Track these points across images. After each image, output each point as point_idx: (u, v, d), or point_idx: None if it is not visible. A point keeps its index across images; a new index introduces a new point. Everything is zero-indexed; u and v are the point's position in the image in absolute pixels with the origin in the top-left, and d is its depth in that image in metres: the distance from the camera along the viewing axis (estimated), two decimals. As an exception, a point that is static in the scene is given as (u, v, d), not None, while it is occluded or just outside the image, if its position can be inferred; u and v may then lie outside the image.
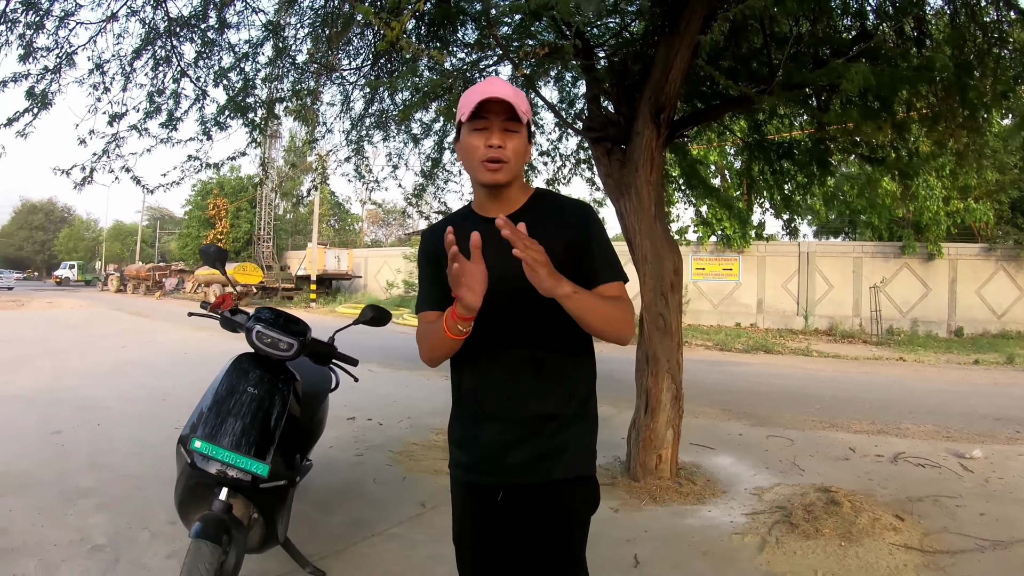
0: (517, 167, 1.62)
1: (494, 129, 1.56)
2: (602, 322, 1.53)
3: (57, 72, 4.42)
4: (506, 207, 1.66)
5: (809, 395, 8.76)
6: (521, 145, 1.61)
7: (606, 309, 1.54)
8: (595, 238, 1.65)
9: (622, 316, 1.57)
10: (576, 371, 1.69)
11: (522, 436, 1.61)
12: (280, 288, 30.32)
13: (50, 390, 7.35)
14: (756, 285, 20.06)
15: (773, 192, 5.95)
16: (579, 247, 1.62)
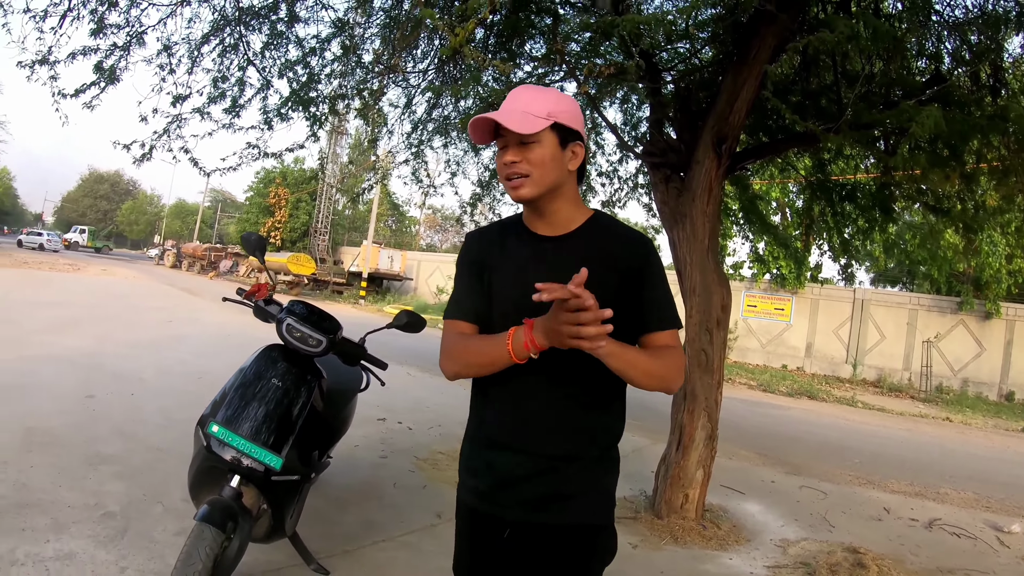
0: (544, 178, 1.49)
1: (510, 144, 1.49)
2: (645, 377, 1.44)
3: (126, 50, 4.53)
4: (555, 226, 1.57)
5: (849, 447, 8.44)
6: (544, 153, 1.48)
7: (650, 364, 1.44)
8: (653, 279, 1.53)
9: (668, 370, 1.47)
10: (607, 414, 1.58)
11: (539, 472, 1.52)
12: (331, 282, 30.66)
13: (92, 355, 7.50)
14: (807, 328, 19.52)
15: (832, 234, 5.75)
16: (634, 285, 1.51)
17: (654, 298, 1.52)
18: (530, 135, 1.46)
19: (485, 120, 1.48)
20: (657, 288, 1.53)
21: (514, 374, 1.49)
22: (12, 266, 21.35)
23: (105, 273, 24.66)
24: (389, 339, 3.09)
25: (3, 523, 3.07)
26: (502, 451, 1.56)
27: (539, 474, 1.52)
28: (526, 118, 1.46)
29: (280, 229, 37.04)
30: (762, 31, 3.63)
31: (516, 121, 1.45)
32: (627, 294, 1.50)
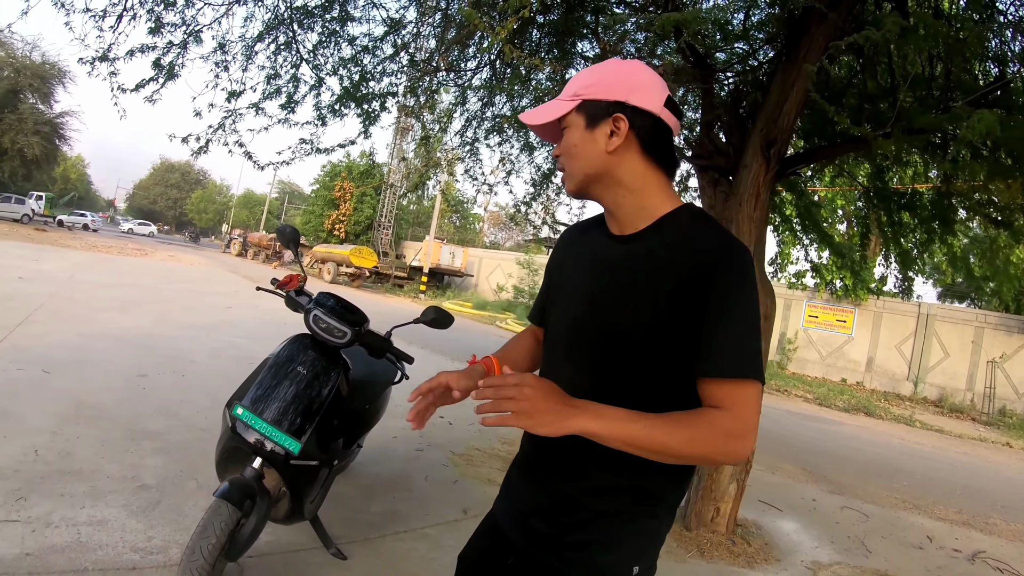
0: (576, 168, 1.26)
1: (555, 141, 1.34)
2: (665, 458, 1.12)
3: (183, 47, 4.68)
4: (624, 224, 1.29)
5: (899, 468, 8.07)
6: (574, 138, 1.25)
7: (671, 435, 1.10)
8: (724, 299, 1.12)
9: (704, 444, 1.10)
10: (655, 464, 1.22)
11: (555, 509, 1.30)
12: (393, 275, 31.08)
13: (148, 335, 7.79)
14: (868, 342, 18.80)
15: (890, 246, 5.49)
16: (693, 304, 1.13)
17: (721, 331, 1.12)
18: (558, 122, 1.28)
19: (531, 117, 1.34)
20: (732, 319, 1.12)
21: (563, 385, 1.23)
22: (82, 249, 22.42)
23: (171, 259, 25.66)
24: (449, 334, 3.10)
25: (44, 487, 3.24)
26: (522, 475, 1.42)
27: (555, 512, 1.30)
28: (548, 106, 1.28)
29: (344, 222, 37.78)
30: (812, 30, 3.49)
31: (533, 112, 1.30)
32: (682, 314, 1.14)
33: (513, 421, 1.08)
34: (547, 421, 1.08)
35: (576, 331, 1.29)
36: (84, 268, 15.12)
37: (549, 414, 1.09)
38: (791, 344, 19.70)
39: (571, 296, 1.34)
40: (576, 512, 1.26)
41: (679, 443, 1.09)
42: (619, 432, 1.09)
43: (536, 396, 1.09)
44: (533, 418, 1.08)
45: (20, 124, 30.64)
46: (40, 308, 8.26)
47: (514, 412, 1.08)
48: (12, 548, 2.65)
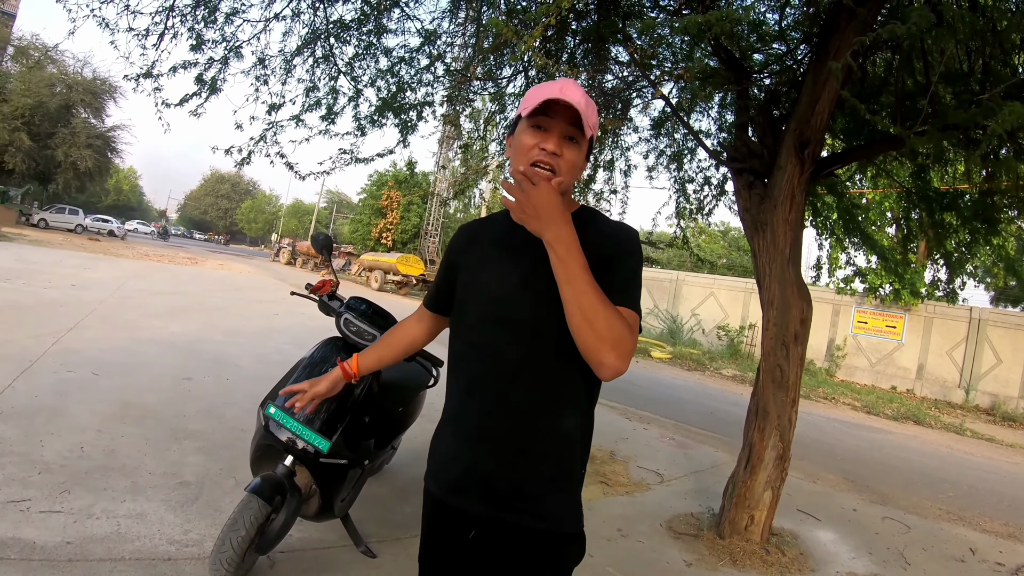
0: (568, 182, 1.45)
1: (553, 133, 1.42)
2: (579, 313, 1.31)
3: (224, 63, 4.83)
4: None
5: (944, 479, 7.78)
6: (579, 158, 1.46)
7: (595, 301, 1.30)
8: (625, 259, 1.46)
9: (612, 328, 1.30)
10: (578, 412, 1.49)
11: (505, 465, 1.45)
12: None
13: (195, 340, 8.03)
14: (919, 348, 18.15)
15: (934, 248, 5.33)
16: (604, 263, 1.41)
17: (619, 274, 1.43)
18: (576, 133, 1.43)
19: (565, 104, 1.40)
20: (626, 267, 1.45)
21: (483, 356, 1.49)
22: (134, 258, 23.16)
23: (222, 267, 26.32)
24: None
25: (88, 481, 3.40)
26: (468, 440, 1.51)
27: (505, 467, 1.45)
28: (586, 121, 1.42)
29: (391, 231, 38.27)
30: (842, 27, 3.42)
31: (586, 123, 1.42)
32: (600, 275, 1.39)
33: (512, 207, 1.37)
34: (534, 218, 1.34)
35: (516, 303, 1.46)
36: (135, 276, 15.63)
37: (540, 215, 1.33)
38: (840, 351, 19.21)
39: (502, 278, 1.50)
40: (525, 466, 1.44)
41: (599, 308, 1.30)
42: (573, 265, 1.32)
43: (540, 197, 1.32)
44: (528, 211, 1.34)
45: (73, 138, 31.83)
46: (91, 314, 8.57)
47: (520, 199, 1.35)
48: (54, 536, 2.78)
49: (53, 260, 16.24)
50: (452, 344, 1.59)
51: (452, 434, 1.55)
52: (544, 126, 1.43)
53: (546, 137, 1.43)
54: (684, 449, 6.83)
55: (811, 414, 11.66)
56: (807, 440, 8.62)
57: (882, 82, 4.26)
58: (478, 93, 6.26)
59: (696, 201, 6.70)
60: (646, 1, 5.00)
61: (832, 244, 6.54)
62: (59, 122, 32.02)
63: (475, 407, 1.49)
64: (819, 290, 18.95)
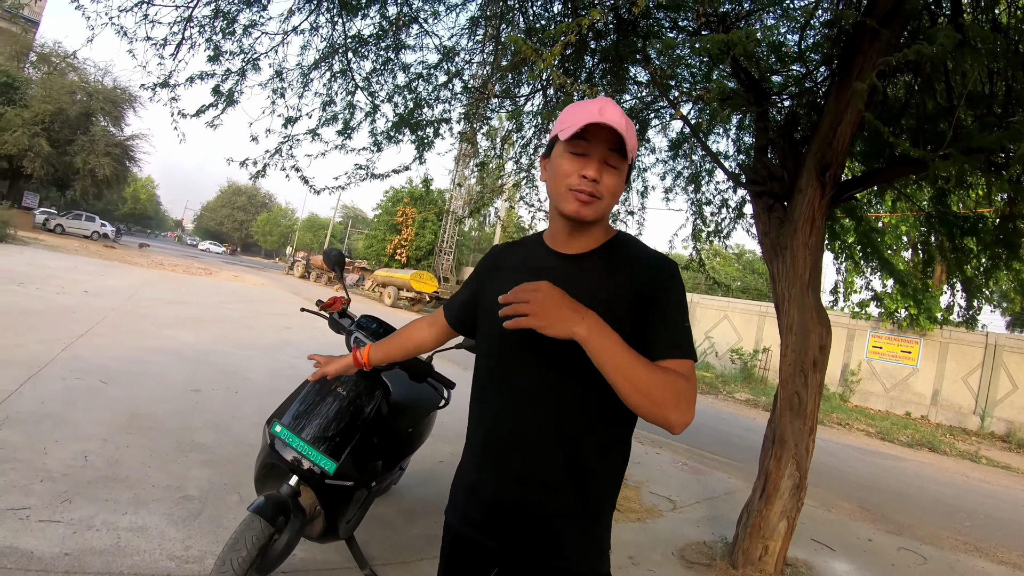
0: (608, 207, 1.41)
1: (594, 158, 1.36)
2: (633, 391, 1.23)
3: (242, 75, 4.83)
4: (581, 244, 1.46)
5: (961, 508, 7.61)
6: (619, 184, 1.40)
7: (643, 374, 1.23)
8: (670, 300, 1.38)
9: (664, 391, 1.25)
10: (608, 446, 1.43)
11: (527, 501, 1.40)
12: None
13: (206, 352, 8.00)
14: (934, 373, 17.88)
15: (953, 272, 5.24)
16: (648, 304, 1.36)
17: (669, 321, 1.36)
18: (617, 160, 1.38)
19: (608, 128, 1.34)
20: (674, 311, 1.38)
21: (501, 387, 1.45)
22: (148, 267, 23.29)
23: (236, 279, 26.41)
24: None
25: (90, 492, 3.35)
26: (487, 473, 1.47)
27: (523, 503, 1.41)
28: (627, 144, 1.36)
29: (406, 247, 38.40)
30: (865, 48, 3.36)
31: (633, 144, 1.38)
32: (641, 313, 1.36)
33: (528, 322, 1.24)
34: (555, 322, 1.23)
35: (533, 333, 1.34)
36: (148, 285, 15.71)
37: (557, 317, 1.23)
38: (854, 376, 18.98)
39: None
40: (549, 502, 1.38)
41: (650, 380, 1.24)
42: (611, 349, 1.23)
43: (547, 300, 1.25)
44: (544, 320, 1.23)
45: (92, 145, 32.17)
46: (103, 321, 8.59)
47: (529, 314, 1.24)
48: (52, 547, 2.73)
49: (67, 266, 16.35)
50: (475, 370, 1.55)
51: (472, 466, 1.53)
52: (583, 151, 1.37)
53: (586, 163, 1.36)
54: (697, 475, 6.71)
55: (825, 440, 11.47)
56: (821, 467, 8.47)
57: (903, 104, 4.20)
58: (495, 111, 6.24)
59: (713, 223, 6.64)
60: (665, 21, 4.98)
61: (849, 268, 6.45)
62: (78, 129, 32.41)
63: (493, 439, 1.46)
64: (834, 315, 18.74)
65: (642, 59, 4.71)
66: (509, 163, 6.55)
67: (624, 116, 1.36)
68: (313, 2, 4.97)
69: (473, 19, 5.51)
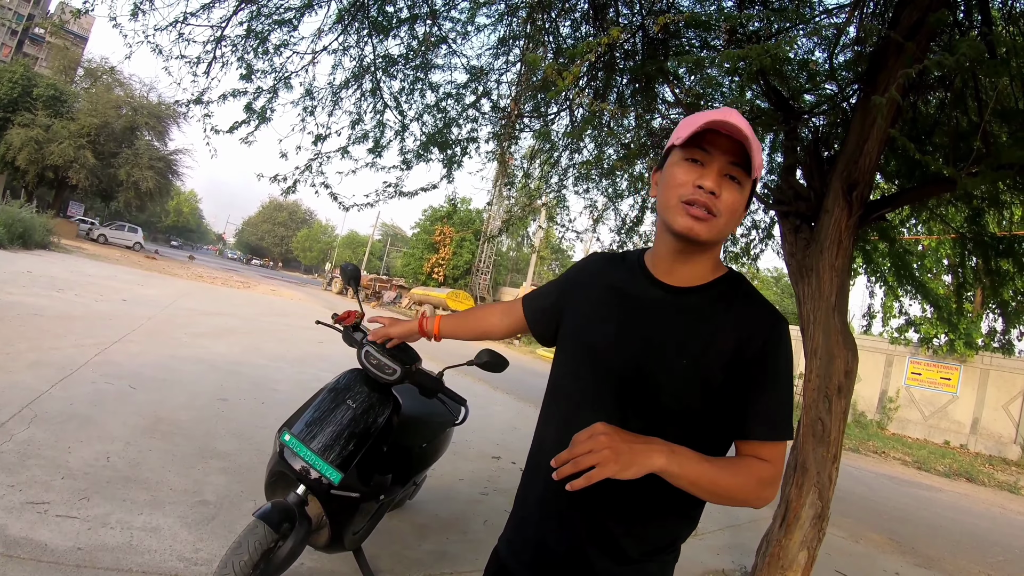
0: (727, 228, 1.24)
1: (712, 168, 1.21)
2: (714, 498, 1.19)
3: (274, 93, 4.94)
4: (689, 276, 1.30)
5: (996, 542, 7.32)
6: (739, 202, 1.24)
7: (726, 482, 1.16)
8: (776, 369, 1.23)
9: (749, 490, 1.18)
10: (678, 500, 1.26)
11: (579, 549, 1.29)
12: None
13: (236, 363, 8.14)
14: (974, 401, 17.27)
15: (989, 296, 5.08)
16: (748, 368, 1.22)
17: (764, 399, 1.22)
18: (739, 173, 1.23)
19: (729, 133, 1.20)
20: (772, 386, 1.22)
21: (568, 411, 1.33)
22: (187, 278, 23.83)
23: (273, 293, 26.90)
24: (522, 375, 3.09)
25: (108, 491, 3.43)
26: (538, 506, 1.37)
27: (577, 546, 1.29)
28: (755, 153, 1.21)
29: (443, 266, 38.70)
30: (890, 63, 3.30)
31: (759, 160, 1.22)
32: (735, 380, 1.22)
33: (602, 473, 1.07)
34: (630, 463, 1.09)
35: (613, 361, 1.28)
36: (185, 295, 16.06)
37: (631, 455, 1.09)
38: (892, 403, 18.47)
39: (605, 331, 1.32)
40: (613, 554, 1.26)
41: (732, 486, 1.17)
42: (690, 472, 1.13)
43: (613, 441, 1.10)
44: (619, 463, 1.08)
45: (136, 159, 33.29)
46: (138, 329, 8.80)
47: (599, 464, 1.07)
48: (66, 541, 2.80)
49: (107, 274, 16.83)
50: (548, 382, 1.44)
51: (525, 495, 1.44)
52: (701, 160, 1.23)
53: (704, 173, 1.22)
54: (721, 500, 6.57)
55: (859, 469, 11.17)
56: (853, 496, 8.23)
57: (934, 122, 4.11)
58: (523, 130, 6.27)
59: (742, 243, 6.56)
60: (695, 40, 4.96)
61: (886, 292, 6.31)
62: (123, 143, 33.58)
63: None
64: (872, 339, 18.33)
65: (671, 79, 4.70)
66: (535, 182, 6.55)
67: (749, 127, 1.21)
68: (344, 23, 5.07)
69: (502, 39, 5.57)
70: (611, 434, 1.11)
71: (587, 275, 1.48)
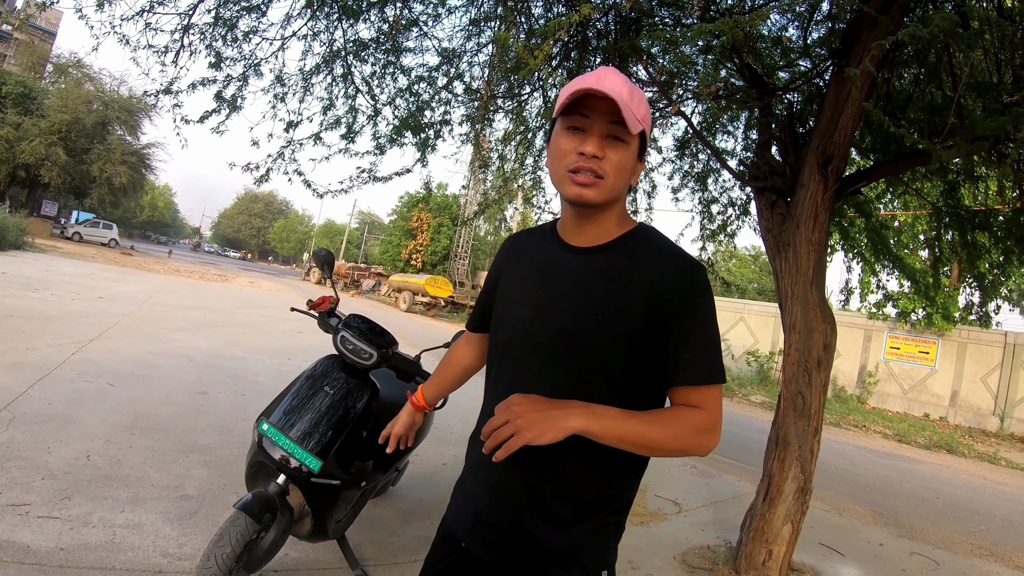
0: (616, 187, 1.25)
1: (592, 133, 1.22)
2: (647, 451, 1.21)
3: (244, 80, 4.85)
4: (594, 236, 1.32)
5: (977, 511, 7.44)
6: (627, 160, 1.25)
7: (655, 434, 1.18)
8: (696, 315, 1.23)
9: (685, 440, 1.20)
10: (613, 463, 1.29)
11: (518, 517, 1.31)
12: (468, 305, 31.15)
13: (215, 356, 8.06)
14: (952, 374, 17.54)
15: (966, 269, 5.14)
16: (672, 321, 1.22)
17: (697, 341, 1.23)
18: (621, 131, 1.23)
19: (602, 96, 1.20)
20: (704, 329, 1.24)
21: (501, 387, 1.35)
22: (164, 273, 23.52)
23: (251, 285, 26.59)
24: None
25: (90, 489, 3.38)
26: (482, 483, 1.39)
27: (514, 519, 1.31)
28: (633, 114, 1.21)
29: (421, 252, 38.51)
30: (864, 37, 3.30)
31: (632, 117, 1.20)
32: (660, 328, 1.23)
33: (518, 442, 1.12)
34: (546, 428, 1.13)
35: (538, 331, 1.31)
36: (163, 291, 15.84)
37: (546, 422, 1.13)
38: (871, 377, 18.72)
39: (530, 301, 1.35)
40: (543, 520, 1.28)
41: (665, 438, 1.19)
42: (614, 429, 1.16)
43: (526, 410, 1.15)
44: (533, 431, 1.12)
45: (108, 154, 32.63)
46: (115, 326, 8.67)
47: (515, 433, 1.13)
48: (48, 542, 2.76)
49: (83, 272, 16.55)
50: (487, 363, 1.48)
51: (469, 468, 1.47)
52: (581, 126, 1.24)
53: (584, 139, 1.23)
54: (706, 478, 6.63)
55: (841, 443, 11.33)
56: (835, 470, 8.35)
57: (909, 97, 4.14)
58: (497, 112, 6.22)
59: (719, 220, 6.58)
60: (668, 19, 4.94)
61: (863, 268, 6.36)
62: (95, 138, 32.88)
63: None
64: (850, 315, 18.56)
65: (644, 57, 4.68)
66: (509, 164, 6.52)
67: (627, 83, 1.21)
68: (314, 7, 4.98)
69: (474, 21, 5.51)
70: (524, 403, 1.16)
71: (508, 258, 1.50)
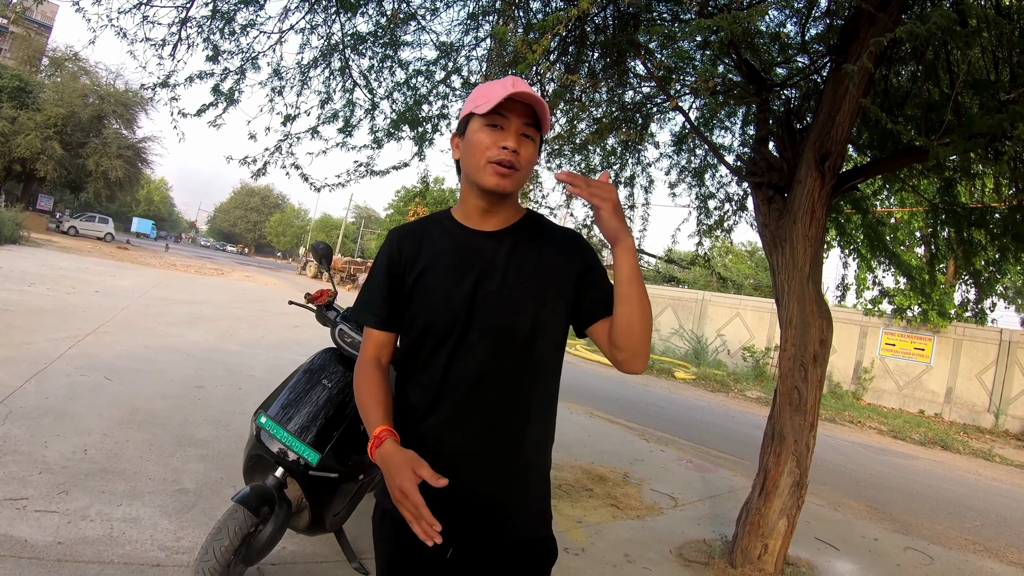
0: (525, 178, 1.48)
1: (511, 131, 1.41)
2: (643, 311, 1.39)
3: (242, 74, 4.84)
4: (499, 221, 1.51)
5: (971, 507, 7.47)
6: (534, 155, 1.47)
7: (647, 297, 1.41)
8: (599, 270, 1.53)
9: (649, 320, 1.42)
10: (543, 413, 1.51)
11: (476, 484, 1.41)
12: None
13: (212, 350, 8.07)
14: (948, 371, 17.57)
15: (962, 266, 5.15)
16: (586, 274, 1.50)
17: (604, 286, 1.50)
18: (532, 131, 1.44)
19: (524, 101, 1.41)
20: (601, 274, 1.53)
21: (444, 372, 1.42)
22: (161, 267, 23.45)
23: (248, 279, 26.55)
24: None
25: (87, 484, 3.39)
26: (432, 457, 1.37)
27: (478, 485, 1.42)
28: (545, 114, 1.44)
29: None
30: (862, 34, 3.31)
31: (547, 120, 1.45)
32: (577, 284, 1.49)
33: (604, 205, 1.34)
34: (620, 217, 1.36)
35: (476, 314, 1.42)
36: (159, 285, 15.82)
37: (621, 214, 1.37)
38: (867, 373, 18.75)
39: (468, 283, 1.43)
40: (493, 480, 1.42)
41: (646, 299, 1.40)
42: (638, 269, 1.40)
43: (616, 198, 1.36)
44: (616, 211, 1.35)
45: (104, 148, 32.40)
46: (111, 320, 8.66)
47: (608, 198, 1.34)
48: (46, 536, 2.77)
49: (79, 267, 16.51)
50: (405, 361, 1.50)
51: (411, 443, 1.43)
52: (501, 124, 1.41)
53: (504, 135, 1.41)
54: (701, 472, 6.66)
55: (836, 438, 11.37)
56: (831, 465, 8.38)
57: (906, 94, 4.14)
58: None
59: (716, 216, 6.59)
60: (667, 14, 4.94)
61: (860, 264, 6.37)
62: (91, 132, 32.69)
63: (437, 425, 1.44)
64: (846, 311, 18.58)
65: (642, 52, 4.67)
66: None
67: (536, 92, 1.42)
68: (311, 0, 4.96)
69: (472, 14, 5.49)
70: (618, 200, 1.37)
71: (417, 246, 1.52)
